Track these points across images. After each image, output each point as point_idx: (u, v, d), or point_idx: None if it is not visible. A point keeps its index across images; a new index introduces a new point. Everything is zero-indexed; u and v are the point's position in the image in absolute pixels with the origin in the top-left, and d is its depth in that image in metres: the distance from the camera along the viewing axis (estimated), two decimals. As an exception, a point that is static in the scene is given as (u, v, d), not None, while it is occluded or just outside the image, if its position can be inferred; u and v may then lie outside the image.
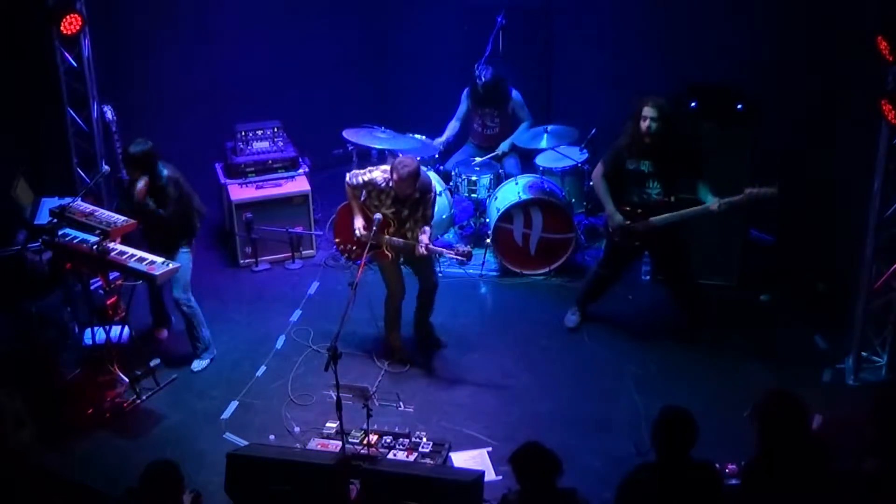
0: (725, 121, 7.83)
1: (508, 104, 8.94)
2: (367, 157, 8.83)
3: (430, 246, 6.88)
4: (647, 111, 6.83)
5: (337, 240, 7.39)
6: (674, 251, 7.34)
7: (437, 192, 8.01)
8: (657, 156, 6.97)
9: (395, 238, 6.93)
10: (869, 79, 6.51)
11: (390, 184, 6.80)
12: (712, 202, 6.85)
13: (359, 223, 7.02)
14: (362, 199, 6.96)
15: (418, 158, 7.24)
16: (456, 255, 6.96)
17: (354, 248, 7.17)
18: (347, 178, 7.06)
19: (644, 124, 6.87)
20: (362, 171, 7.03)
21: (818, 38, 7.78)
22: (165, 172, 7.00)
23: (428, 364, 7.42)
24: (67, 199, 7.06)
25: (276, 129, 8.93)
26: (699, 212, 6.96)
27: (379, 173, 6.92)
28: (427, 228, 6.95)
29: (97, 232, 6.63)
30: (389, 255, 7.03)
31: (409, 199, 6.88)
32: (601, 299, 7.81)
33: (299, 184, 8.78)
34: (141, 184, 6.88)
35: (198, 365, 7.37)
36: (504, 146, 8.97)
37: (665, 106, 6.85)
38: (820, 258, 8.20)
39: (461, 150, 9.22)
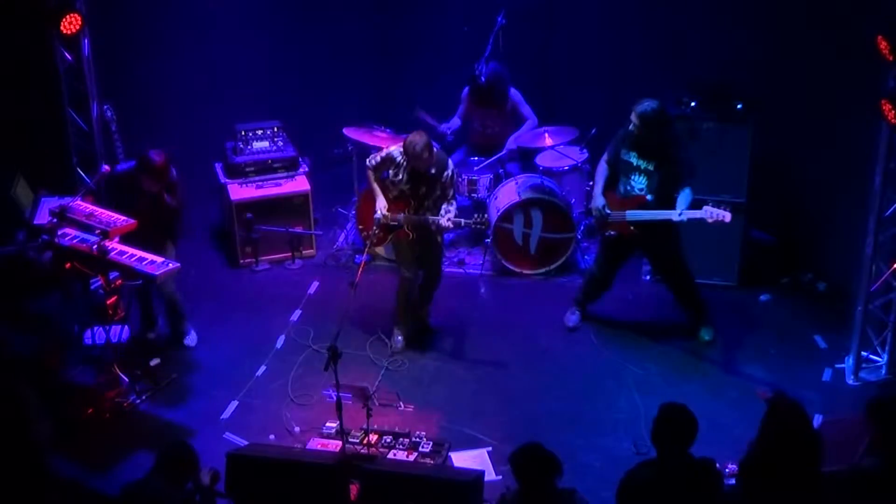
0: (725, 120, 7.83)
1: (507, 104, 8.93)
2: (367, 157, 8.81)
3: (453, 218, 7.02)
4: (633, 117, 6.97)
5: (360, 226, 7.49)
6: (663, 251, 7.35)
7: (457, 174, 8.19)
8: (644, 152, 7.04)
9: (415, 216, 7.07)
10: (869, 79, 6.51)
11: (406, 158, 7.02)
12: (676, 212, 6.88)
13: (380, 203, 7.19)
14: (385, 176, 7.14)
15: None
16: (475, 223, 7.16)
17: (375, 230, 7.30)
18: (367, 162, 7.32)
19: (630, 126, 7.04)
20: (380, 151, 7.30)
21: (818, 37, 7.78)
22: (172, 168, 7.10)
23: (428, 364, 7.42)
24: (67, 199, 7.07)
25: (276, 129, 8.93)
26: (662, 217, 6.97)
27: (395, 148, 7.16)
28: (451, 208, 7.07)
29: (97, 232, 6.64)
30: (410, 234, 7.14)
31: (425, 176, 7.02)
32: (600, 299, 7.81)
33: (299, 184, 8.78)
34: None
35: (192, 339, 7.55)
36: (510, 143, 8.93)
37: (649, 115, 6.89)
38: (820, 258, 8.20)
39: (460, 150, 9.21)
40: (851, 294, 7.26)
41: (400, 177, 7.11)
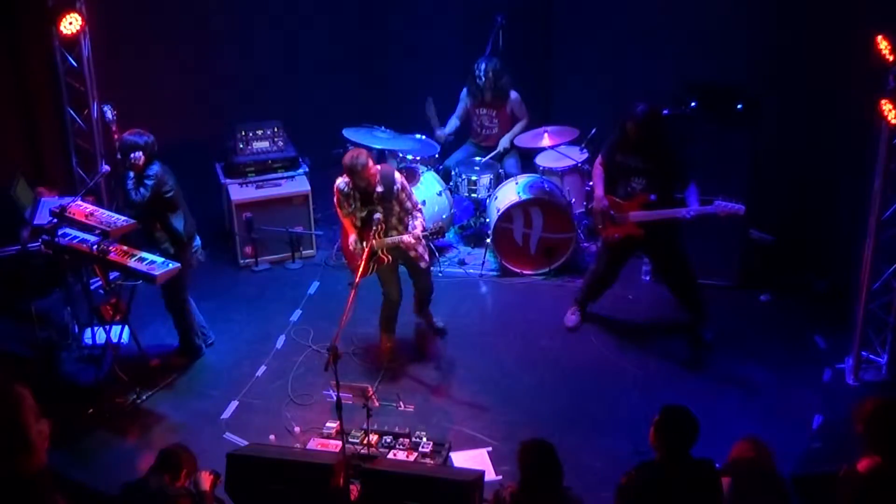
0: (725, 121, 7.83)
1: (507, 104, 8.94)
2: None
3: (419, 232, 6.88)
4: (627, 120, 6.95)
5: (347, 262, 7.46)
6: (666, 251, 7.36)
7: (421, 174, 8.33)
8: (643, 154, 7.04)
9: (386, 239, 6.91)
10: (869, 79, 6.51)
11: (349, 185, 6.85)
12: (685, 209, 6.94)
13: (351, 238, 7.04)
14: (349, 210, 6.95)
15: (404, 155, 7.22)
16: (431, 233, 6.95)
17: (358, 263, 7.17)
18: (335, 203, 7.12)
19: (625, 129, 7.02)
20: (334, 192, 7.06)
21: (818, 38, 7.79)
22: (155, 168, 6.92)
23: (428, 364, 7.42)
24: (67, 199, 7.06)
25: (276, 129, 8.92)
26: (671, 215, 7.02)
27: (340, 180, 6.95)
28: (417, 222, 6.96)
29: (97, 232, 6.64)
30: (386, 258, 6.99)
31: (376, 195, 6.85)
32: (600, 299, 7.81)
33: (299, 184, 8.78)
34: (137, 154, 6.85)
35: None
36: (504, 142, 8.96)
37: (644, 117, 6.88)
38: (820, 258, 8.20)
39: (461, 149, 9.22)
40: (851, 294, 7.26)
41: (353, 205, 6.92)
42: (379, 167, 6.89)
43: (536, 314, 7.98)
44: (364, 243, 6.83)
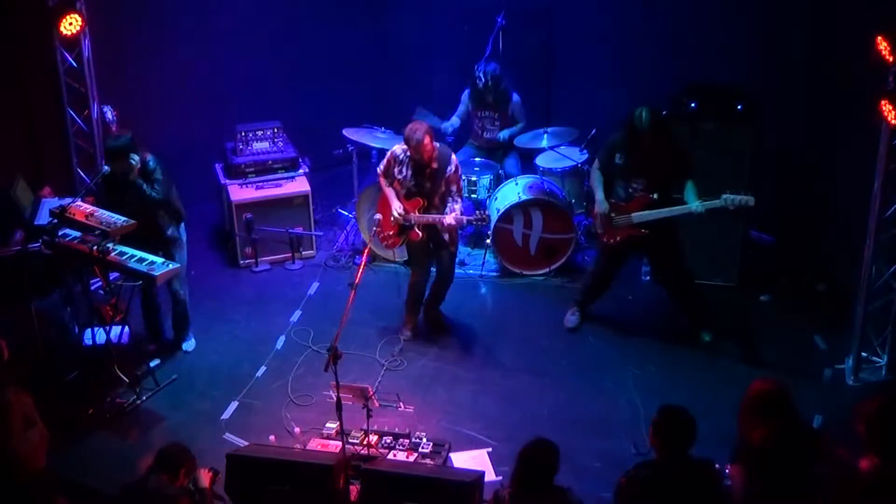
0: (725, 121, 7.83)
1: (508, 106, 8.93)
2: (367, 158, 8.83)
3: (458, 216, 7.08)
4: (630, 122, 6.91)
5: (377, 228, 7.54)
6: (666, 252, 7.35)
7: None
8: (647, 156, 7.02)
9: (424, 216, 7.15)
10: (869, 79, 6.51)
11: (407, 153, 7.11)
12: (695, 204, 6.91)
13: (395, 206, 7.24)
14: (397, 175, 7.21)
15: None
16: (476, 220, 7.21)
17: (391, 233, 7.39)
18: (378, 170, 7.44)
19: (627, 131, 6.98)
20: (386, 156, 7.39)
21: (818, 38, 7.79)
22: (151, 157, 7.00)
23: (428, 364, 7.42)
24: (67, 199, 7.07)
25: (276, 130, 8.93)
26: (680, 212, 7.01)
27: (397, 146, 7.26)
28: (456, 206, 7.14)
29: (97, 232, 6.64)
30: (420, 234, 7.23)
31: (429, 170, 7.09)
32: (600, 299, 7.81)
33: (299, 184, 8.79)
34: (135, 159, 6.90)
35: (189, 345, 7.56)
36: (504, 135, 8.93)
37: (647, 120, 6.83)
38: (820, 258, 8.20)
39: (461, 151, 9.20)
40: (851, 294, 7.26)
41: (404, 173, 7.19)
42: (438, 145, 7.15)
43: (536, 314, 7.99)
44: (404, 215, 7.14)
